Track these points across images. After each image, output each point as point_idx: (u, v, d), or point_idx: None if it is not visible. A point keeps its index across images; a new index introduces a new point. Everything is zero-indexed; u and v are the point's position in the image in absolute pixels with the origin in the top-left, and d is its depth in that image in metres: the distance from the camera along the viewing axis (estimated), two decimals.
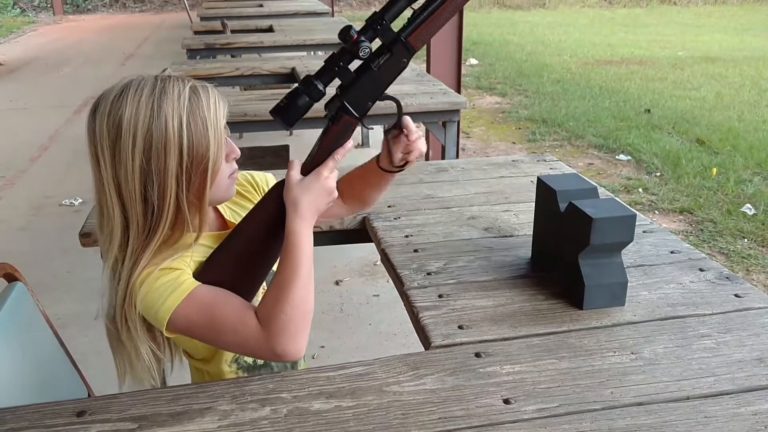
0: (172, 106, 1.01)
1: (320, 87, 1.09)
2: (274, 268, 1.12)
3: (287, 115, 1.10)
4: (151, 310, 1.04)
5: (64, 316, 2.87)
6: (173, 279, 1.05)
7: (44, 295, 1.53)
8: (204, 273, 1.09)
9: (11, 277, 1.35)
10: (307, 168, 1.12)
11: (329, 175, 1.11)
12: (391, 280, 1.47)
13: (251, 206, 1.22)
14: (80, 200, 4.22)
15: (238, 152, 1.12)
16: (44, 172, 4.87)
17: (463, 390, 1.02)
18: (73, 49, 10.44)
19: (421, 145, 1.21)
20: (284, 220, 1.08)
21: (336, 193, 1.13)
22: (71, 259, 3.39)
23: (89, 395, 1.44)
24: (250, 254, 1.11)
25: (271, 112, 1.10)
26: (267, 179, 1.31)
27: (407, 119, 1.20)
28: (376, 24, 1.09)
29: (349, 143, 1.14)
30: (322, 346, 2.73)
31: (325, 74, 1.10)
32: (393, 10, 1.10)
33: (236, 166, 1.15)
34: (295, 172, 1.10)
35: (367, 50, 1.09)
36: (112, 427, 0.95)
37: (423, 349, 1.16)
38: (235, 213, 1.24)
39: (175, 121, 1.00)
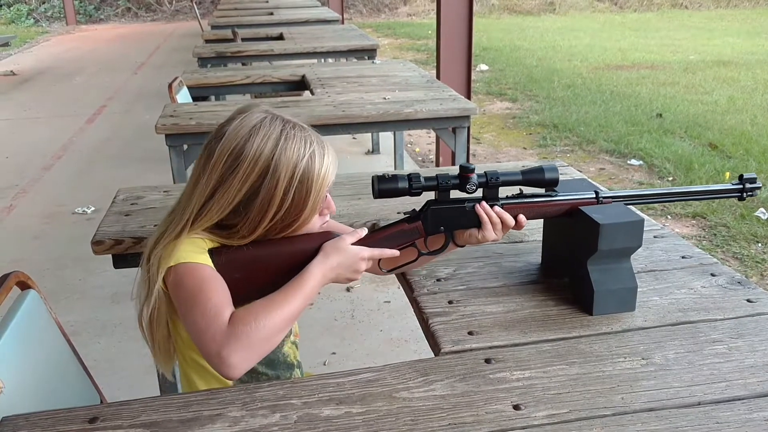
0: (296, 154, 1.12)
1: (420, 184, 1.20)
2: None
3: (384, 186, 1.19)
4: (165, 255, 1.12)
5: (76, 323, 2.90)
6: (199, 248, 1.14)
7: (56, 302, 1.54)
8: (227, 261, 1.14)
9: (25, 285, 1.36)
10: (361, 242, 1.20)
11: (364, 259, 1.19)
12: (401, 287, 1.47)
13: None
14: (93, 208, 4.25)
15: (334, 210, 1.24)
16: (57, 181, 4.91)
17: (473, 396, 1.02)
18: (86, 59, 10.55)
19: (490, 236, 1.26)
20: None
21: (358, 278, 1.20)
22: (83, 267, 3.41)
23: (101, 402, 1.44)
24: (273, 269, 1.16)
25: (373, 176, 1.20)
26: None
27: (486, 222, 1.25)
28: (491, 177, 1.22)
29: (396, 252, 1.23)
30: (334, 353, 2.73)
31: (429, 181, 1.21)
32: (508, 179, 1.23)
33: (328, 218, 1.24)
34: (351, 239, 1.19)
35: (472, 188, 1.22)
36: None
37: (433, 356, 1.16)
38: None
39: (290, 168, 1.11)
